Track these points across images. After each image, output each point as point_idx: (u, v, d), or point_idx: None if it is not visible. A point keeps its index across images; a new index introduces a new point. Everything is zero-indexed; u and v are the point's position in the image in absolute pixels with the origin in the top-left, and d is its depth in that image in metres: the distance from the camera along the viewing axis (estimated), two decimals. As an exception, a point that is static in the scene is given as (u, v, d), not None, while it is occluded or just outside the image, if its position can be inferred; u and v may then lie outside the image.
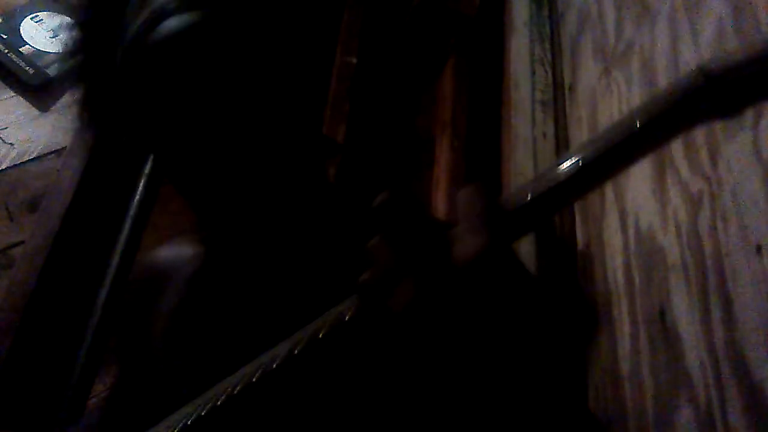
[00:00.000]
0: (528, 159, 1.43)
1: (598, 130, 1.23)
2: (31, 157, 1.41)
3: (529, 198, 0.43)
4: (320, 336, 0.44)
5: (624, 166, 0.44)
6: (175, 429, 0.54)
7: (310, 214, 0.65)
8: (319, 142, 0.66)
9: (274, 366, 0.47)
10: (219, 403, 0.51)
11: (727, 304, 0.77)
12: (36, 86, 1.47)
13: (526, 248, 1.22)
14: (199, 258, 0.75)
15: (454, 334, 0.41)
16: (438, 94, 1.89)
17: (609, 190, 1.15)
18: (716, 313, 0.79)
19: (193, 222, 0.75)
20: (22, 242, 1.29)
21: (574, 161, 0.43)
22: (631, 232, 1.04)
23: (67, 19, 0.66)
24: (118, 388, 0.84)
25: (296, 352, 0.46)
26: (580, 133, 1.34)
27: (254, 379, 0.48)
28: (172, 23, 0.56)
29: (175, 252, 0.79)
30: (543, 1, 1.70)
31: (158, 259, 0.81)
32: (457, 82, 1.85)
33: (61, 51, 1.54)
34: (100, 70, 0.62)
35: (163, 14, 0.57)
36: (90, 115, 0.65)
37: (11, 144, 1.42)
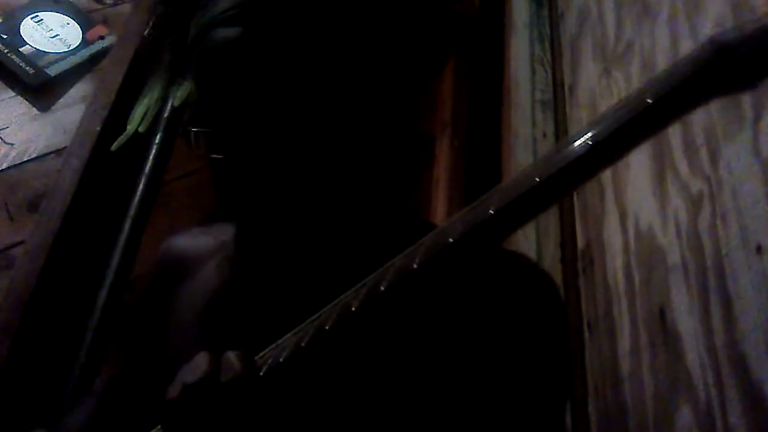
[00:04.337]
0: (528, 159, 1.43)
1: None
2: (31, 157, 1.40)
3: (537, 181, 0.42)
4: None
5: (635, 145, 0.42)
6: None
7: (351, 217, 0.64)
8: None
9: None
10: None
11: (727, 304, 0.77)
12: (36, 86, 1.47)
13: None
14: (222, 251, 0.73)
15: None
16: (438, 94, 1.89)
17: (609, 190, 1.15)
18: (716, 313, 0.79)
19: (195, 218, 0.73)
20: (22, 242, 1.28)
21: (584, 140, 0.41)
22: (631, 232, 1.04)
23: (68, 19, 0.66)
24: (121, 377, 0.83)
25: None
26: (580, 133, 1.33)
27: None
28: (220, 34, 0.57)
29: (194, 241, 0.77)
30: (543, 1, 1.70)
31: (178, 248, 0.79)
32: (457, 82, 1.85)
33: (61, 51, 1.54)
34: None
35: (215, 23, 0.57)
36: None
37: (11, 144, 1.41)
